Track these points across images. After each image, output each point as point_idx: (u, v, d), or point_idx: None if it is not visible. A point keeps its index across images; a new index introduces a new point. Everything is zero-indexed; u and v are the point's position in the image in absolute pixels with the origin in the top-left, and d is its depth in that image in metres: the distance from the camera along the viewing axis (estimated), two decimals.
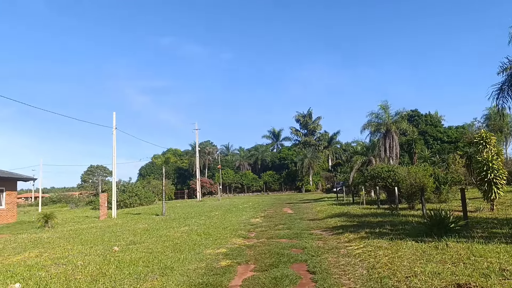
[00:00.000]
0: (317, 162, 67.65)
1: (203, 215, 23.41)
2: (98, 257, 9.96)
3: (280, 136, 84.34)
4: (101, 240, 13.69)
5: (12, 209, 24.06)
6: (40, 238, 15.43)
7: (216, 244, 11.42)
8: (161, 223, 19.85)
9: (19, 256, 10.84)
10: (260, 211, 24.78)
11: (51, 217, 20.38)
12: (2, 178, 22.81)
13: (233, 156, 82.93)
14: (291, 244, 10.70)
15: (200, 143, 72.45)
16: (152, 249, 10.94)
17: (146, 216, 26.47)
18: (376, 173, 23.64)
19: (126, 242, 12.79)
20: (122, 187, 48.62)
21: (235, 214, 22.87)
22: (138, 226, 18.53)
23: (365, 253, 8.67)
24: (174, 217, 23.30)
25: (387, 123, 30.84)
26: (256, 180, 73.36)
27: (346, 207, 22.59)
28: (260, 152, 77.88)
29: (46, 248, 12.20)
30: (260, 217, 20.30)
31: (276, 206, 30.02)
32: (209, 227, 16.39)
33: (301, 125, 78.86)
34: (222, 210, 27.71)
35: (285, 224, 16.26)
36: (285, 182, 72.38)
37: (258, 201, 38.98)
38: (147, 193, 48.35)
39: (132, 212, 33.11)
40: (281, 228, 14.83)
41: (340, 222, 15.23)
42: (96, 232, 16.95)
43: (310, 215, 20.09)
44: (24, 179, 25.88)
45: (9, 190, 23.79)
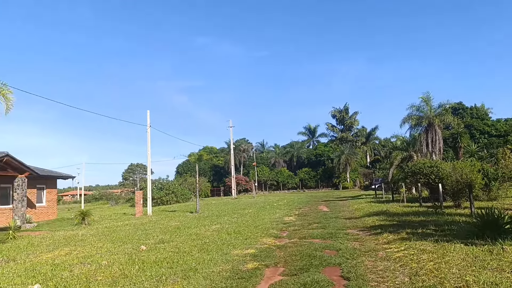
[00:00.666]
0: (354, 158, 65.75)
1: (236, 213, 23.03)
2: (124, 256, 9.71)
3: (316, 133, 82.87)
4: (131, 238, 13.55)
5: (52, 206, 24.80)
6: (74, 236, 15.58)
7: (246, 244, 10.89)
8: (194, 220, 19.65)
9: (50, 254, 10.82)
10: (295, 209, 24.08)
11: (87, 214, 20.72)
12: (43, 177, 23.52)
13: (268, 153, 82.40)
14: (325, 245, 9.98)
15: (235, 141, 72.53)
16: (180, 248, 10.58)
17: (180, 213, 26.48)
18: (418, 169, 22.24)
19: (155, 240, 12.56)
20: (159, 184, 49.45)
21: (269, 212, 22.31)
22: (171, 224, 18.40)
23: (407, 257, 7.81)
24: (207, 215, 23.09)
25: (429, 116, 29.07)
26: (291, 177, 72.46)
27: (385, 205, 21.44)
28: (296, 149, 76.80)
29: (77, 246, 12.17)
30: (294, 215, 19.62)
31: (311, 204, 29.19)
32: (240, 225, 15.93)
33: (338, 121, 77.04)
34: (256, 207, 27.25)
35: (320, 223, 15.50)
36: (322, 179, 70.98)
37: (293, 199, 38.24)
38: (184, 190, 48.84)
39: (168, 209, 33.38)
40: (315, 227, 14.10)
41: (378, 221, 14.28)
42: (129, 229, 16.95)
43: (346, 214, 19.18)
44: (63, 177, 26.64)
45: (49, 188, 24.53)
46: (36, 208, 23.21)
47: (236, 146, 69.66)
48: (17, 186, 19.88)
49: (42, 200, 23.94)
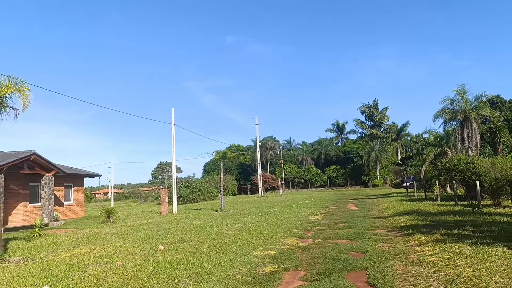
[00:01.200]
0: (384, 155, 63.85)
1: (261, 212, 22.55)
2: (140, 256, 9.41)
3: (344, 129, 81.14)
4: (152, 237, 13.33)
5: (80, 204, 25.16)
6: (97, 234, 15.56)
7: (267, 244, 10.37)
8: (218, 219, 19.34)
9: (69, 253, 10.69)
10: (321, 208, 23.35)
11: (112, 212, 20.80)
12: (70, 175, 23.88)
13: (295, 150, 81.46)
14: (351, 247, 9.33)
15: (262, 139, 72.14)
16: (198, 248, 10.20)
17: (205, 211, 26.30)
18: (453, 166, 21.05)
19: (175, 239, 12.26)
20: (186, 182, 49.66)
21: (294, 211, 21.71)
22: (194, 222, 18.15)
23: (441, 261, 7.07)
24: (232, 213, 22.74)
25: (464, 110, 27.45)
26: (319, 175, 71.29)
27: (418, 204, 20.38)
28: (324, 146, 75.46)
29: (97, 245, 12.05)
30: (320, 214, 18.94)
31: (339, 202, 28.34)
32: (263, 224, 15.43)
33: (367, 117, 75.07)
34: (282, 206, 26.68)
35: (347, 222, 14.78)
36: (351, 177, 69.43)
37: (321, 197, 37.40)
38: (210, 188, 48.88)
39: (193, 207, 33.35)
40: (342, 227, 13.41)
41: (409, 221, 13.42)
42: (151, 228, 16.80)
43: (375, 212, 18.32)
44: (90, 175, 27.03)
45: (77, 186, 24.90)
46: (64, 206, 23.60)
47: (262, 144, 69.19)
48: (44, 184, 20.21)
49: (70, 198, 24.31)
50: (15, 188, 20.38)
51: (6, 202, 20.04)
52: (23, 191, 20.65)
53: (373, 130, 72.76)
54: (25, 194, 20.77)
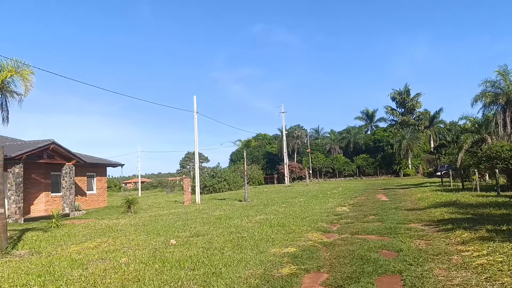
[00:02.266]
0: (417, 143, 61.18)
1: (285, 202, 21.58)
2: (149, 252, 8.69)
3: (374, 117, 78.49)
4: (168, 229, 12.64)
5: (103, 194, 25.01)
6: (115, 225, 15.08)
7: (287, 239, 9.40)
8: (239, 210, 18.54)
9: (78, 247, 10.13)
10: (349, 198, 22.11)
11: (133, 202, 20.41)
12: (92, 164, 23.69)
13: (323, 139, 79.61)
14: (382, 244, 8.21)
15: (289, 127, 70.79)
16: (212, 243, 9.37)
17: (228, 201, 25.61)
18: (494, 153, 19.30)
19: (190, 232, 11.50)
20: (211, 172, 49.35)
21: (320, 201, 20.61)
22: (214, 213, 17.42)
23: (493, 265, 5.89)
24: (255, 204, 21.90)
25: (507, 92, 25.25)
26: (348, 164, 69.38)
27: (455, 194, 18.82)
28: (352, 135, 73.25)
29: (110, 238, 11.47)
30: (348, 205, 17.76)
31: (368, 192, 26.95)
32: (286, 216, 14.46)
33: (398, 104, 72.14)
34: (308, 196, 25.60)
35: (377, 214, 13.58)
36: (381, 166, 67.18)
37: (349, 187, 35.98)
38: (236, 178, 48.31)
39: (218, 197, 32.81)
40: (371, 220, 12.26)
41: (448, 214, 12.10)
42: (170, 219, 16.18)
43: (408, 204, 16.97)
44: (112, 165, 26.84)
45: (99, 176, 24.73)
46: (87, 195, 23.48)
47: (289, 132, 67.89)
48: (65, 174, 20.00)
49: (93, 188, 24.17)
50: (37, 178, 20.29)
51: (28, 192, 20.04)
52: (45, 181, 20.55)
53: (404, 117, 69.87)
54: (47, 183, 20.68)
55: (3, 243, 9.31)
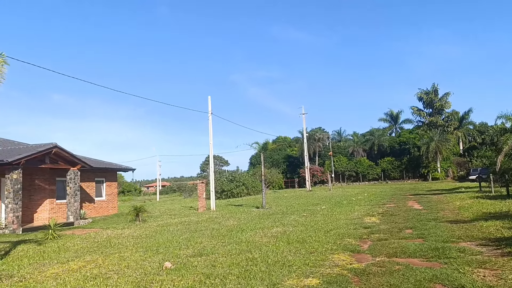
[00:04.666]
0: (446, 145, 57.82)
1: (307, 210, 19.67)
2: (135, 280, 7.01)
3: (399, 119, 75.18)
4: (170, 245, 10.99)
5: (112, 200, 23.67)
6: (115, 237, 13.60)
7: (308, 264, 7.54)
8: (255, 219, 16.77)
9: (60, 268, 8.60)
10: (377, 206, 19.99)
11: (141, 210, 18.93)
12: (101, 169, 22.41)
13: (345, 142, 76.86)
14: (432, 274, 6.26)
15: (310, 130, 68.58)
16: (215, 267, 7.62)
17: (245, 208, 23.88)
18: None
19: (193, 250, 9.79)
20: (230, 176, 47.72)
21: (345, 210, 18.59)
22: (227, 223, 15.71)
23: None
24: (273, 212, 20.08)
25: None
26: (372, 168, 66.51)
27: (503, 203, 16.46)
28: (377, 137, 70.26)
29: (102, 255, 9.91)
30: (377, 215, 15.71)
31: (397, 199, 24.67)
32: (307, 228, 12.59)
33: (425, 104, 68.67)
34: (331, 203, 23.56)
35: (414, 228, 11.53)
36: (407, 170, 64.02)
37: (375, 192, 33.61)
38: (255, 182, 46.50)
39: (235, 202, 31.13)
40: (409, 236, 10.25)
41: (507, 230, 9.93)
42: (177, 230, 14.56)
43: (448, 213, 14.77)
44: (123, 169, 25.55)
45: (109, 181, 23.41)
46: (95, 202, 22.17)
47: (310, 135, 65.65)
48: (69, 180, 18.71)
49: (102, 194, 22.86)
50: (41, 184, 19.08)
51: (31, 199, 18.83)
52: (49, 187, 19.32)
53: (432, 118, 66.41)
54: (51, 190, 19.45)
55: None
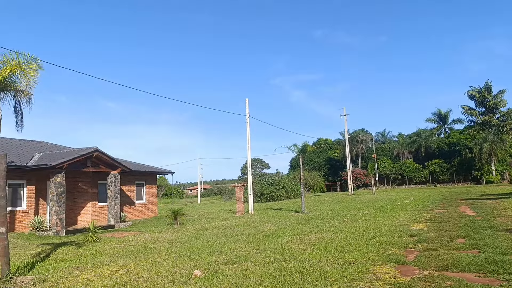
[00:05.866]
0: (501, 146, 54.02)
1: (348, 215, 18.81)
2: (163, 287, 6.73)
3: (447, 119, 71.37)
4: (203, 250, 10.72)
5: (152, 203, 23.95)
6: (152, 241, 13.56)
7: (346, 276, 6.91)
8: (293, 224, 16.21)
9: (93, 273, 8.52)
10: (425, 211, 18.73)
11: (179, 214, 18.93)
12: (141, 172, 22.75)
13: (390, 143, 74.06)
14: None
15: (352, 132, 66.77)
16: (246, 277, 7.19)
17: (284, 212, 23.33)
18: None
19: (226, 257, 9.42)
20: (269, 179, 47.31)
21: (389, 215, 17.56)
22: (264, 228, 15.26)
23: None
24: (313, 216, 19.39)
25: None
26: (419, 170, 63.52)
27: None
28: (424, 138, 67.07)
29: (135, 260, 9.79)
30: (425, 221, 14.62)
31: (447, 204, 23.08)
32: (348, 235, 11.86)
33: (477, 103, 64.65)
34: (374, 208, 22.46)
35: (468, 237, 10.48)
36: (458, 172, 60.54)
37: (422, 196, 31.83)
38: (295, 185, 45.77)
39: (274, 206, 30.64)
40: (462, 246, 9.27)
41: None
42: (214, 234, 14.33)
43: (506, 221, 13.42)
44: (162, 172, 25.84)
45: (149, 184, 23.73)
46: (136, 205, 22.51)
47: (352, 137, 63.87)
48: (110, 183, 19.08)
49: (142, 197, 23.20)
50: (84, 187, 19.62)
51: (75, 201, 19.39)
52: (91, 190, 19.83)
53: (485, 118, 62.33)
54: (94, 193, 19.95)
55: (4, 268, 7.92)
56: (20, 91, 8.55)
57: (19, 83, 8.43)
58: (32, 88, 8.29)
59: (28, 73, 8.02)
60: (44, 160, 16.98)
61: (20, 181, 16.58)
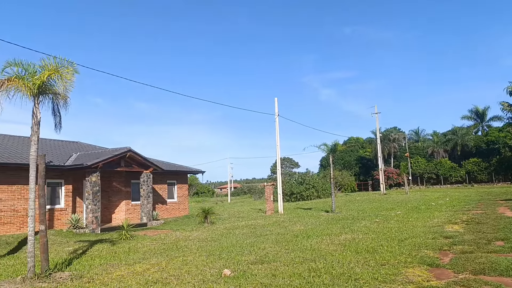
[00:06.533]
0: None
1: (379, 215, 18.44)
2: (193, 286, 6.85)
3: (485, 116, 68.33)
4: (232, 249, 10.81)
5: (184, 202, 24.36)
6: (183, 239, 13.83)
7: (377, 278, 6.79)
8: (323, 224, 16.07)
9: (126, 270, 8.78)
10: (461, 212, 18.08)
11: (209, 212, 19.17)
12: (173, 172, 23.18)
13: (424, 142, 71.86)
14: None
15: (384, 130, 65.32)
16: (275, 277, 7.20)
17: (314, 212, 23.16)
18: None
19: (255, 256, 9.47)
20: (300, 178, 47.06)
21: (423, 216, 17.07)
22: (293, 228, 15.22)
23: None
24: (343, 216, 19.13)
25: None
26: (455, 170, 61.27)
27: None
28: (460, 136, 64.59)
29: (166, 258, 10.01)
30: (461, 223, 14.12)
31: (485, 204, 22.16)
32: (379, 236, 11.64)
33: None
34: (406, 208, 21.90)
35: (507, 240, 10.04)
36: (497, 172, 57.94)
37: (458, 196, 30.70)
38: (325, 184, 45.29)
39: (304, 206, 30.46)
40: (500, 249, 8.90)
41: None
42: (243, 234, 14.44)
43: None
44: (193, 172, 26.20)
45: (180, 183, 24.15)
46: (167, 204, 22.96)
47: (384, 135, 62.47)
48: (142, 182, 19.56)
49: (174, 196, 23.64)
50: (118, 186, 20.22)
51: (110, 200, 20.02)
52: (125, 189, 20.40)
53: None
54: (127, 192, 20.51)
55: (43, 264, 8.29)
56: (57, 94, 8.88)
57: (56, 86, 8.74)
58: (68, 92, 8.60)
59: (65, 77, 8.33)
60: (80, 160, 17.63)
61: (58, 180, 17.30)
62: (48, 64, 8.56)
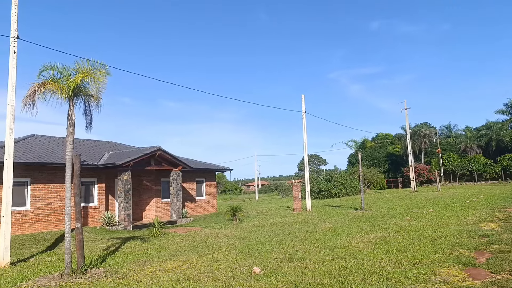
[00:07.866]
0: None
1: (410, 213, 18.03)
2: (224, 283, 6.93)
3: None
4: (261, 247, 10.85)
5: (212, 200, 24.64)
6: (212, 236, 14.00)
7: (410, 277, 6.65)
8: (353, 222, 15.87)
9: (158, 267, 8.99)
10: (497, 210, 17.42)
11: (238, 210, 19.30)
12: (201, 170, 23.48)
13: (456, 137, 69.55)
14: None
15: (414, 126, 63.74)
16: (305, 275, 7.19)
17: (343, 210, 22.89)
18: None
19: (285, 254, 9.47)
20: (327, 175, 46.58)
21: (457, 214, 16.54)
22: (322, 226, 15.11)
23: None
24: (373, 214, 18.82)
25: None
26: (489, 166, 58.99)
27: None
28: (494, 131, 62.11)
29: (197, 255, 10.17)
30: (498, 221, 13.61)
31: None
32: (411, 234, 11.40)
33: None
34: (439, 205, 21.29)
35: None
36: None
37: (494, 193, 29.55)
38: (354, 182, 44.63)
39: (332, 203, 30.14)
40: None
41: None
42: (272, 231, 14.46)
43: None
44: (221, 169, 26.47)
45: (208, 181, 24.44)
46: (196, 201, 23.30)
47: (414, 131, 60.92)
48: (172, 180, 19.93)
49: (202, 194, 23.95)
50: (148, 184, 20.68)
51: (140, 198, 20.51)
52: (155, 187, 20.84)
53: None
54: (157, 189, 20.95)
55: (79, 261, 8.59)
56: (90, 96, 9.17)
57: (89, 88, 9.03)
58: (101, 93, 8.86)
59: (97, 79, 8.60)
60: (112, 159, 18.15)
61: (92, 179, 17.89)
62: (81, 67, 8.84)
